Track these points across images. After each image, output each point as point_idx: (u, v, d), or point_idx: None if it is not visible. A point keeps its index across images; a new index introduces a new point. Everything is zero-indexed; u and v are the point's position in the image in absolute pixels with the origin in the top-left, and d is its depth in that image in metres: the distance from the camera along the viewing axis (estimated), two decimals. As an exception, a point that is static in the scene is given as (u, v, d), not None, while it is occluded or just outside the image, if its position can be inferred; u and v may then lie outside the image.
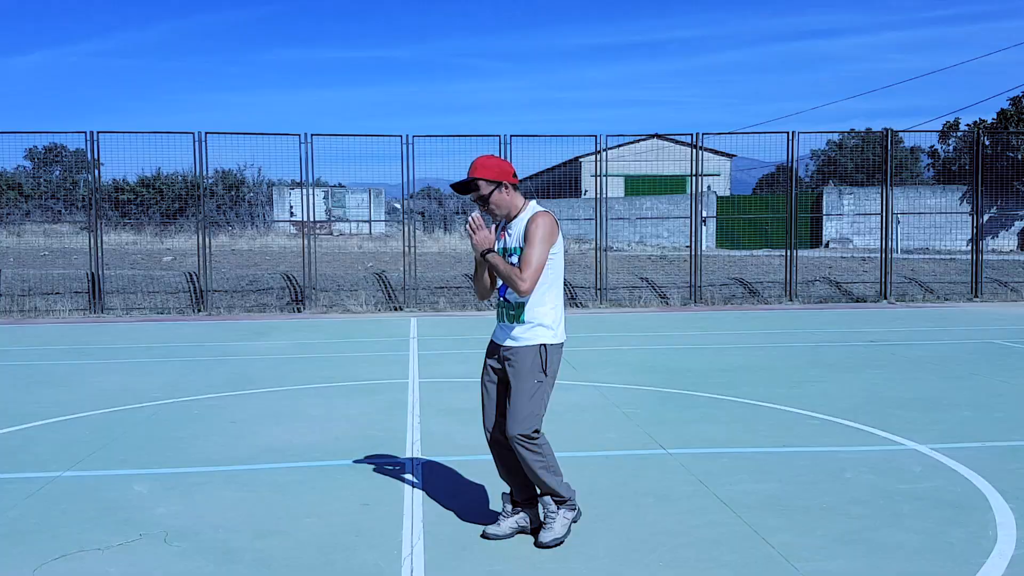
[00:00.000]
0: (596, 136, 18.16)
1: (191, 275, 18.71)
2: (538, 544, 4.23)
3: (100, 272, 17.07)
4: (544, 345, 4.16)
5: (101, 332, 14.02)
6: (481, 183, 4.16)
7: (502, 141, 17.74)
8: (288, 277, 18.96)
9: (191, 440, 6.50)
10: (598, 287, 18.37)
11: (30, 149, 41.47)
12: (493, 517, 4.51)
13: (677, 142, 23.53)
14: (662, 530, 4.46)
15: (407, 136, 17.44)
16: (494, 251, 4.18)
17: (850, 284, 19.96)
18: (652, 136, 22.23)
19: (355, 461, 5.86)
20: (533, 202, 4.26)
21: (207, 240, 17.33)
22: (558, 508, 4.26)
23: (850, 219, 32.00)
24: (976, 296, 19.10)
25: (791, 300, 18.51)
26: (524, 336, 4.17)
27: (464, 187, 4.20)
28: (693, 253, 18.54)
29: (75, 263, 19.83)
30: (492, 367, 4.33)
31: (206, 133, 16.98)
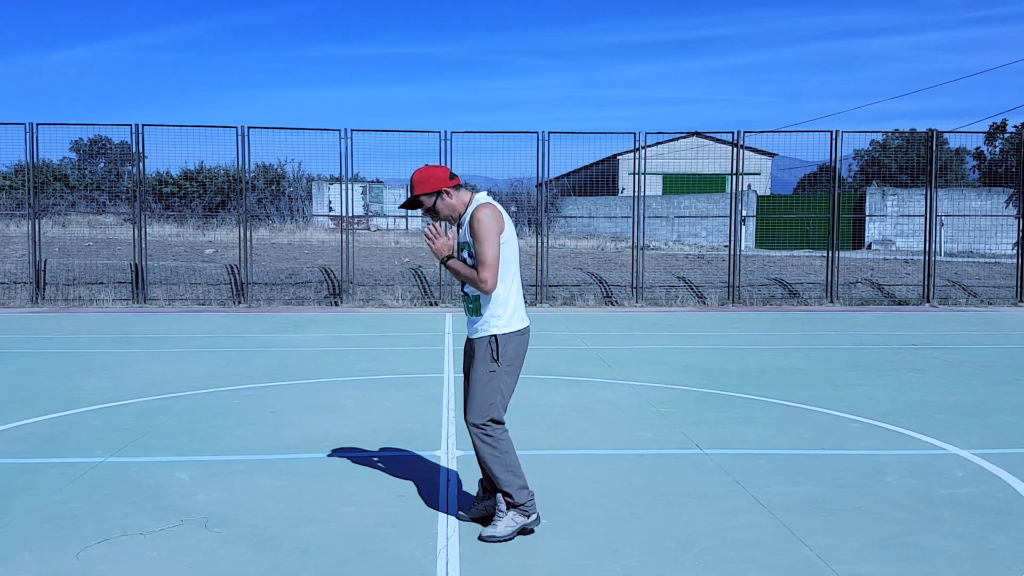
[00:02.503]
0: (635, 133, 18.09)
1: (232, 267, 18.97)
2: (479, 537, 4.29)
3: (143, 263, 17.37)
4: (495, 336, 4.25)
5: (144, 322, 14.26)
6: (423, 198, 4.31)
7: (540, 138, 17.74)
8: (326, 271, 19.14)
9: (231, 429, 6.60)
10: (634, 286, 18.30)
11: (76, 141, 42.38)
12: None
13: (718, 140, 23.33)
14: (698, 530, 4.44)
15: (445, 132, 17.51)
16: (454, 257, 4.29)
17: (892, 286, 19.67)
18: (692, 134, 22.07)
19: (391, 453, 5.91)
20: (479, 195, 4.35)
21: (248, 233, 17.54)
22: (507, 510, 4.30)
23: (893, 220, 31.55)
24: (1021, 301, 18.71)
25: (832, 302, 18.29)
26: (480, 328, 4.30)
27: (411, 205, 4.36)
28: (732, 253, 18.39)
29: (119, 254, 20.19)
30: (465, 360, 4.47)
31: (248, 128, 17.18)
